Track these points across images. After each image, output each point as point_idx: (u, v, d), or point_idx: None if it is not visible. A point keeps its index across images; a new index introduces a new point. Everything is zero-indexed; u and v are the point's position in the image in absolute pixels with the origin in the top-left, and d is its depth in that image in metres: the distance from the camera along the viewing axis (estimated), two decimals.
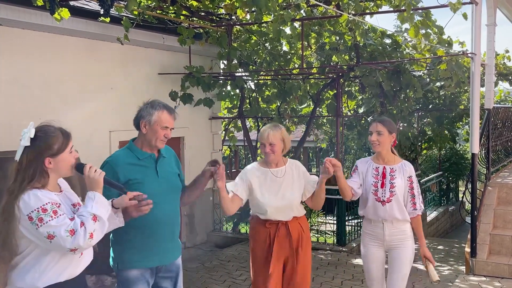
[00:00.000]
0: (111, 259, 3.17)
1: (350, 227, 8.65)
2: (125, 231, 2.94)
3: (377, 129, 3.70)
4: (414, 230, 3.79)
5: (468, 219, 7.64)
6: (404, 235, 3.73)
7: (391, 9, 5.90)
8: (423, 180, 11.94)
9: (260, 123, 9.82)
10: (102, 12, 4.35)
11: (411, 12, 5.19)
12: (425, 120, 12.46)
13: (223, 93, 8.10)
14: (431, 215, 11.91)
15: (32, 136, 2.33)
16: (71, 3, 5.82)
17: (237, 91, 8.58)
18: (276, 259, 3.55)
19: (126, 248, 3.07)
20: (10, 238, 2.27)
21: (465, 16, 5.41)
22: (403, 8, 5.54)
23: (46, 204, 2.26)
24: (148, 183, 3.05)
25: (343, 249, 7.88)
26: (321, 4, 5.18)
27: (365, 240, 3.87)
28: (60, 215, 2.27)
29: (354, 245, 8.19)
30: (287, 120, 9.18)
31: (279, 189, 3.56)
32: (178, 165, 3.38)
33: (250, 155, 9.74)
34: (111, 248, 3.16)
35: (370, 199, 3.75)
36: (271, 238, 3.56)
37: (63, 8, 4.65)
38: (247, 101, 8.97)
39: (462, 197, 10.07)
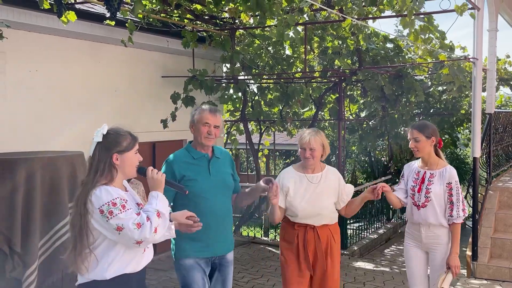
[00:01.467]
0: (171, 250, 3.48)
1: (351, 230, 8.69)
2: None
3: (414, 136, 3.75)
4: (451, 236, 3.74)
5: (469, 223, 7.66)
6: (439, 240, 3.76)
7: (394, 14, 5.94)
8: None
9: (262, 126, 9.86)
10: (108, 15, 4.39)
11: (412, 17, 5.24)
12: None
13: (226, 96, 8.16)
14: None
15: (104, 133, 2.57)
16: (77, 6, 5.88)
17: (240, 94, 8.62)
18: (305, 260, 3.60)
19: (182, 239, 3.30)
20: (83, 230, 2.45)
21: (472, 15, 5.47)
22: (405, 13, 5.59)
23: (116, 198, 2.46)
24: (201, 180, 3.34)
25: (345, 252, 7.91)
26: (325, 8, 5.23)
27: (406, 240, 3.97)
28: (128, 209, 2.46)
29: (356, 248, 8.24)
30: (289, 124, 9.22)
31: (312, 195, 3.60)
32: (233, 166, 3.64)
33: (251, 158, 9.77)
34: (172, 239, 3.37)
35: (408, 203, 3.86)
36: (299, 239, 3.62)
37: (69, 11, 4.69)
38: (250, 104, 9.01)
39: None
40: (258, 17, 6.30)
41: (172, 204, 3.39)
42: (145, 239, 2.45)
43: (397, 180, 7.76)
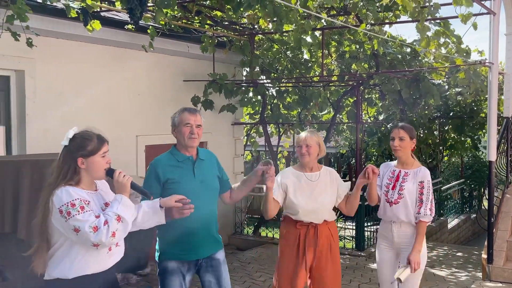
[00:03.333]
0: (155, 251, 3.48)
1: (368, 232, 8.76)
2: (165, 227, 3.19)
3: (400, 135, 3.87)
4: (416, 233, 3.78)
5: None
6: (411, 239, 3.83)
7: (410, 19, 6.04)
8: (444, 187, 11.94)
9: (281, 129, 10.01)
10: (132, 23, 4.62)
11: (425, 23, 5.34)
12: (446, 128, 12.48)
13: (246, 100, 8.35)
14: (452, 223, 11.88)
15: (70, 137, 2.62)
16: (102, 14, 6.14)
17: (259, 97, 8.80)
18: (304, 260, 3.70)
19: (165, 241, 3.39)
20: (45, 229, 2.52)
21: (475, 26, 5.53)
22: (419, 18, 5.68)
23: (75, 199, 2.49)
24: (185, 182, 3.33)
25: (362, 253, 8.00)
26: (340, 14, 5.35)
27: (378, 241, 4.07)
28: (87, 211, 2.48)
29: (373, 250, 8.30)
30: (307, 126, 9.35)
31: (312, 192, 3.72)
32: (219, 167, 3.65)
33: (271, 159, 9.92)
34: (157, 241, 3.48)
35: (382, 200, 3.94)
36: (300, 239, 3.72)
37: (95, 20, 4.95)
38: (269, 107, 9.18)
39: (480, 205, 10.08)
40: (276, 23, 6.47)
41: None
42: (101, 242, 2.47)
43: None
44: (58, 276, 2.56)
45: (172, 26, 6.61)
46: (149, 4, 5.25)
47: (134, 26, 4.92)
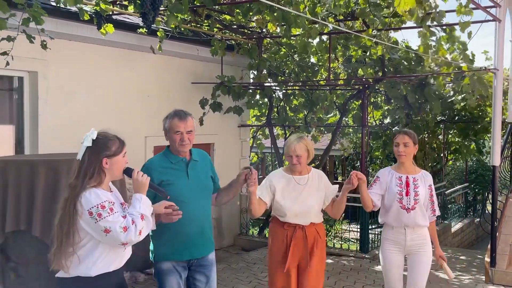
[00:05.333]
0: (150, 252, 3.51)
1: (373, 235, 8.84)
2: (159, 227, 3.22)
3: (404, 141, 3.94)
4: (430, 233, 4.05)
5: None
6: (424, 240, 3.97)
7: (415, 25, 6.13)
8: (448, 191, 12.00)
9: (287, 131, 10.10)
10: (144, 27, 4.73)
11: (430, 29, 5.43)
12: (451, 132, 12.54)
13: (252, 102, 8.45)
14: (456, 226, 11.93)
15: (94, 138, 2.66)
16: (114, 17, 6.26)
17: (266, 100, 8.91)
18: (292, 259, 3.77)
19: (160, 242, 3.42)
20: (70, 230, 2.57)
21: (469, 35, 5.63)
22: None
23: (105, 201, 2.57)
24: (178, 184, 3.35)
25: (366, 256, 8.08)
26: (348, 19, 5.43)
27: (384, 246, 4.07)
28: (116, 212, 2.58)
29: (377, 252, 8.38)
30: (313, 129, 9.45)
31: (300, 195, 3.79)
32: (212, 168, 3.66)
33: (277, 161, 10.02)
34: (151, 243, 3.50)
35: (394, 207, 3.96)
36: (288, 239, 3.78)
37: (108, 24, 5.06)
38: (275, 110, 9.29)
39: (484, 209, 10.13)
40: (284, 26, 6.58)
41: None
42: (130, 241, 2.58)
43: None
44: (80, 274, 2.63)
45: (182, 29, 6.73)
46: (161, 8, 5.37)
47: (146, 30, 5.03)
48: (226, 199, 3.71)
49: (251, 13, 5.64)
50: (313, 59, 8.83)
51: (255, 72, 8.17)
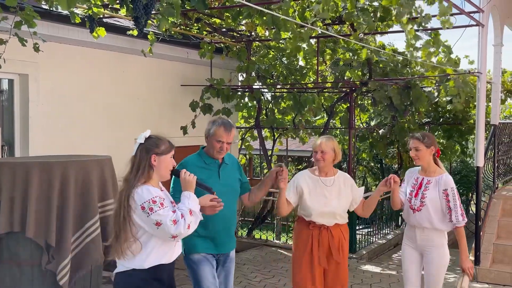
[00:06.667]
0: (182, 245, 3.73)
1: (360, 235, 8.96)
2: None
3: (414, 145, 4.02)
4: (458, 240, 3.98)
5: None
6: (433, 243, 4.01)
7: (401, 29, 6.27)
8: None
9: (275, 133, 10.19)
10: (136, 30, 4.78)
11: (416, 33, 5.57)
12: (436, 134, 12.73)
13: (241, 104, 8.53)
14: None
15: (147, 136, 2.91)
16: (105, 20, 6.30)
17: (255, 102, 8.99)
18: (317, 260, 3.85)
19: (192, 236, 3.52)
20: (127, 221, 2.77)
21: (451, 48, 5.81)
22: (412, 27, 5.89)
23: (155, 197, 2.77)
24: (211, 183, 3.49)
25: (353, 256, 8.19)
26: (336, 23, 5.55)
27: (404, 240, 4.23)
28: (166, 207, 2.78)
29: (364, 252, 8.52)
30: (301, 131, 9.55)
31: (326, 196, 3.88)
32: (240, 170, 3.94)
33: (264, 163, 10.11)
34: None
35: (406, 206, 4.13)
36: (312, 239, 3.87)
37: (100, 27, 5.11)
38: (264, 112, 9.37)
39: (468, 209, 10.32)
40: (273, 29, 6.68)
41: None
42: (180, 234, 2.78)
43: None
44: (134, 266, 2.83)
45: (172, 32, 6.78)
46: (153, 12, 5.42)
47: (139, 34, 5.08)
48: (260, 196, 3.94)
49: (241, 17, 5.72)
50: (301, 62, 8.94)
51: (244, 75, 8.26)
